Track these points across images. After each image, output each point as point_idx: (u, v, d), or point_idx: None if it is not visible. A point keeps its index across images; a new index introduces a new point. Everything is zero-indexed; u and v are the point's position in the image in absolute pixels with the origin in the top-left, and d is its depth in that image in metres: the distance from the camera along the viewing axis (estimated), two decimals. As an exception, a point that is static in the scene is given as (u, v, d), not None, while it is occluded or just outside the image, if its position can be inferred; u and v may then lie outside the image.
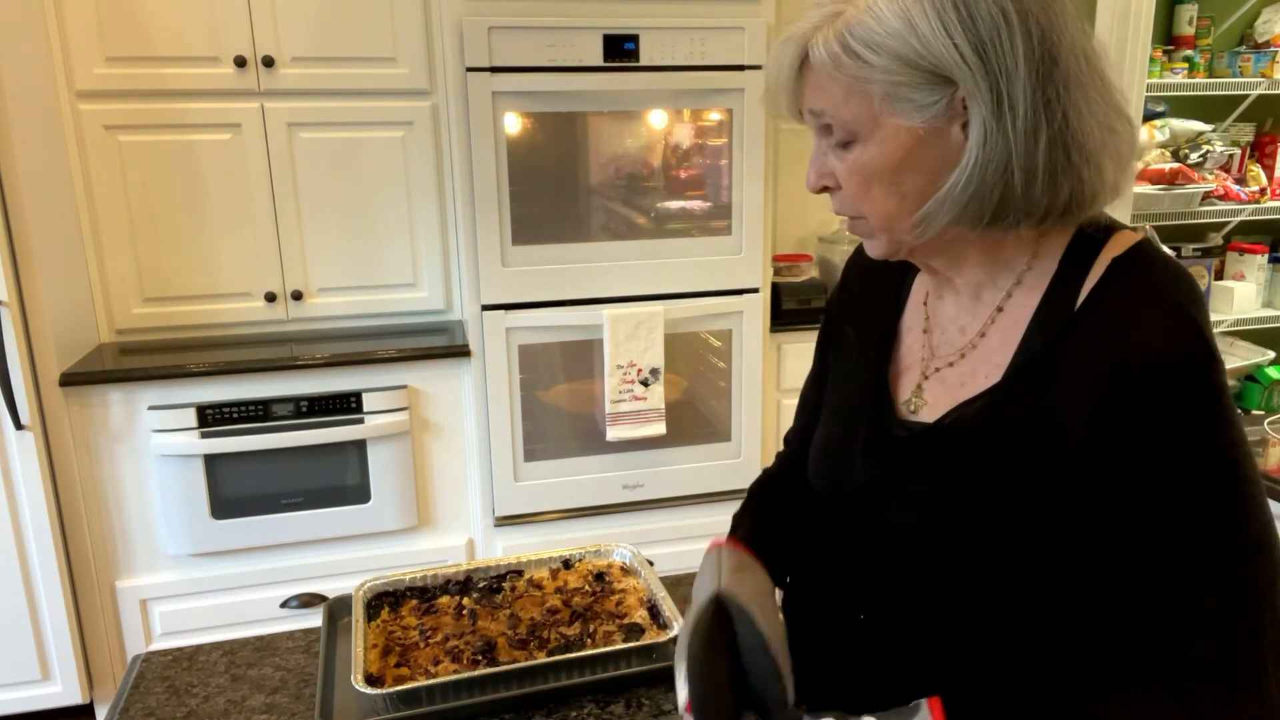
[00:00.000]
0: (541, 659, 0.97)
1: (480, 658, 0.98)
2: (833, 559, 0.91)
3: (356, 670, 0.94)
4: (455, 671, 0.96)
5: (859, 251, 1.00)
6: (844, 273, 1.03)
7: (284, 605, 2.49)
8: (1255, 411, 3.17)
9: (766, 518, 1.02)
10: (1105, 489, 0.72)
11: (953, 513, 0.79)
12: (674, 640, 1.00)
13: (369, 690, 0.91)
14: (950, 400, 0.83)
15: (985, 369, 0.81)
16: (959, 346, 0.85)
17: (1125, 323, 0.73)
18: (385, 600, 1.10)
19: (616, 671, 0.98)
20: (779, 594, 0.94)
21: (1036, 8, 0.72)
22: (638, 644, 0.99)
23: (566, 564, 1.17)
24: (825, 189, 0.83)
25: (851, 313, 0.98)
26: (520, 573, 1.16)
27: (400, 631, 1.04)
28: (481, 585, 1.13)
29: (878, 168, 0.77)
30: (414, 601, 1.10)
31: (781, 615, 0.86)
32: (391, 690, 0.92)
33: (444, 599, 1.11)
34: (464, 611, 1.07)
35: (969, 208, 0.75)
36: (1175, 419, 0.70)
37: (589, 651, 0.97)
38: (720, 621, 0.81)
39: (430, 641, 1.02)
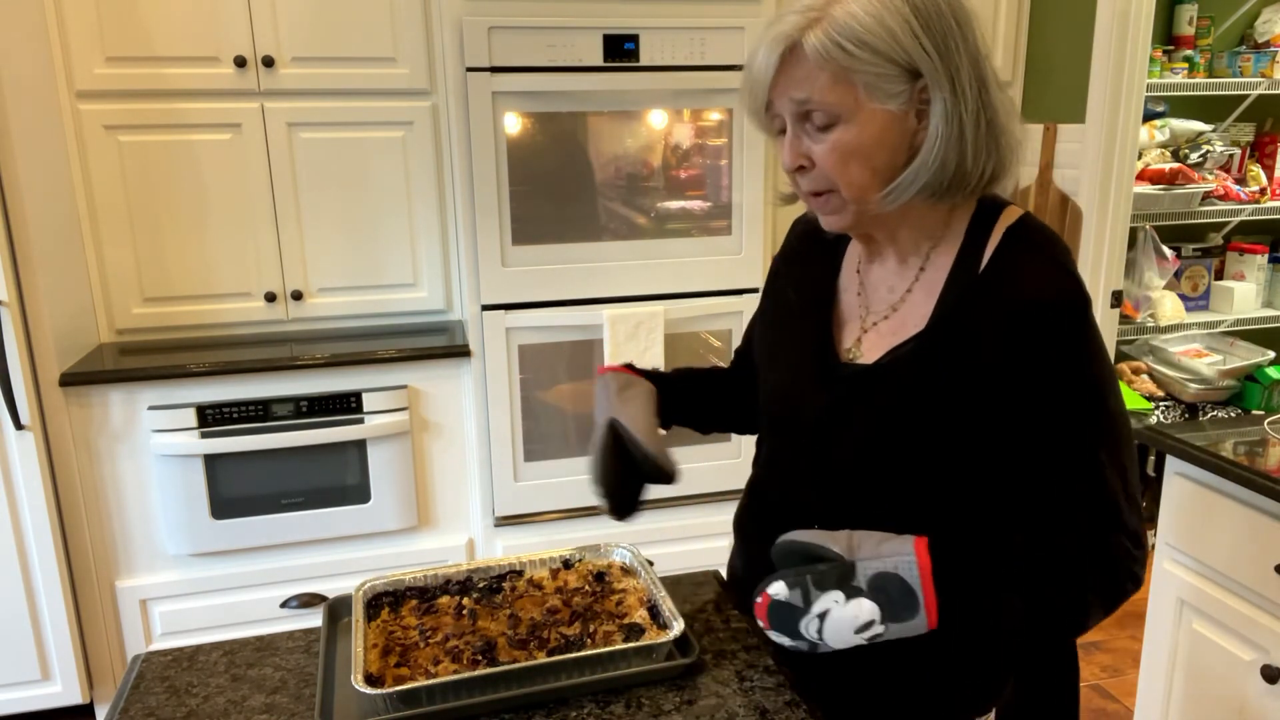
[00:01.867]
0: (541, 659, 0.97)
1: (480, 658, 0.98)
2: (790, 480, 1.10)
3: (356, 670, 0.94)
4: (455, 671, 0.96)
5: (801, 226, 1.21)
6: (786, 243, 1.23)
7: (284, 605, 2.49)
8: (1255, 411, 3.17)
9: (681, 372, 1.29)
10: (1010, 401, 0.94)
11: (892, 431, 0.99)
12: (674, 641, 1.01)
13: (369, 690, 0.91)
14: (885, 346, 1.03)
15: (912, 320, 1.01)
16: (890, 303, 1.05)
17: (1020, 278, 0.95)
18: (385, 600, 1.10)
19: (616, 671, 0.98)
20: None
21: (966, 22, 0.94)
22: (638, 644, 0.99)
23: (566, 564, 1.17)
24: (800, 169, 0.98)
25: (793, 277, 1.18)
26: (520, 573, 1.16)
27: (400, 631, 1.04)
28: (481, 585, 1.13)
29: (857, 146, 0.94)
30: (414, 601, 1.10)
31: (658, 421, 1.14)
32: (391, 690, 0.91)
33: (444, 599, 1.11)
34: (464, 611, 1.07)
35: (931, 181, 0.95)
36: (1061, 346, 0.93)
37: (589, 651, 0.97)
38: (614, 439, 1.10)
39: (430, 641, 1.02)
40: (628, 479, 1.10)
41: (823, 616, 0.90)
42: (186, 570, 2.44)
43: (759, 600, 0.93)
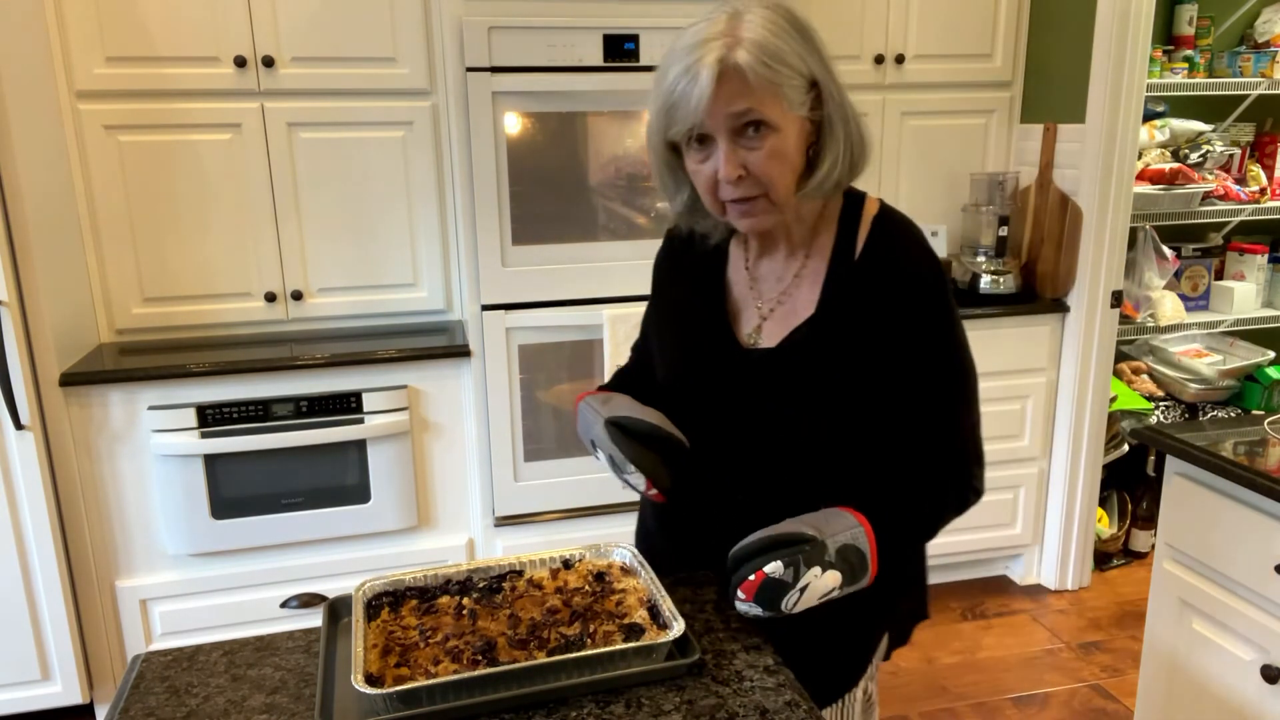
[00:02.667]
0: (541, 659, 0.97)
1: (480, 658, 0.98)
2: (711, 462, 1.21)
3: (356, 670, 0.94)
4: (455, 671, 0.96)
5: (677, 234, 1.30)
6: (668, 246, 1.34)
7: (284, 605, 2.49)
8: (1255, 411, 3.17)
9: (624, 383, 1.36)
10: (891, 364, 1.11)
11: (799, 404, 1.14)
12: (674, 641, 1.01)
13: (369, 690, 0.91)
14: (782, 331, 1.17)
15: (802, 305, 1.16)
16: (779, 291, 1.19)
17: (892, 260, 1.13)
18: (385, 600, 1.10)
19: (616, 671, 0.98)
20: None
21: (819, 35, 1.10)
22: (638, 644, 0.99)
23: (566, 564, 1.17)
24: (740, 178, 1.07)
25: (681, 279, 1.29)
26: (520, 573, 1.16)
27: (400, 631, 1.04)
28: (481, 585, 1.13)
29: (787, 151, 1.07)
30: (414, 601, 1.10)
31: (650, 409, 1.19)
32: (391, 690, 0.91)
33: (444, 599, 1.10)
34: (464, 611, 1.07)
35: (838, 176, 1.10)
36: (930, 314, 1.11)
37: (589, 651, 0.97)
38: (620, 432, 1.16)
39: (430, 641, 1.02)
40: (649, 447, 1.16)
41: (803, 590, 1.02)
42: (186, 570, 2.44)
43: (751, 579, 1.02)
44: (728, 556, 1.06)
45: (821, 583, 1.03)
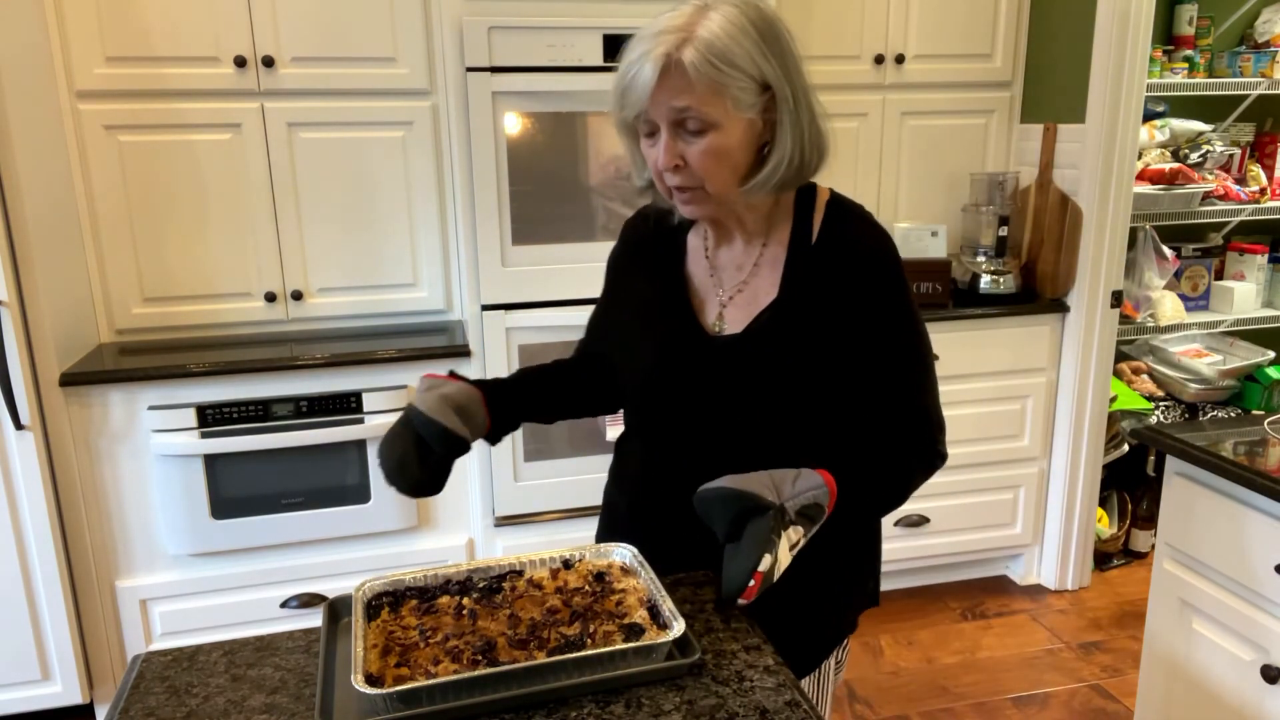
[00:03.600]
0: (541, 659, 0.97)
1: (480, 658, 0.98)
2: (680, 443, 1.25)
3: (356, 670, 0.94)
4: (455, 671, 0.96)
5: (635, 225, 1.36)
6: (624, 241, 1.37)
7: (284, 605, 2.49)
8: (1255, 411, 3.17)
9: (520, 373, 1.39)
10: (854, 339, 1.16)
11: (768, 384, 1.18)
12: (674, 641, 1.01)
13: (369, 690, 0.91)
14: (746, 317, 1.21)
15: (763, 291, 1.21)
16: (740, 279, 1.23)
17: (847, 241, 1.18)
18: (385, 600, 1.10)
19: (616, 671, 0.98)
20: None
21: (790, 36, 1.12)
22: (638, 644, 0.99)
23: (566, 564, 1.17)
24: (675, 168, 1.11)
25: (640, 270, 1.32)
26: (520, 573, 1.16)
27: (400, 631, 1.04)
28: (481, 585, 1.13)
29: (726, 149, 1.10)
30: (414, 601, 1.10)
31: (454, 415, 1.22)
32: (391, 690, 0.91)
33: (444, 599, 1.10)
34: (464, 611, 1.07)
35: (784, 176, 1.13)
36: (887, 289, 1.17)
37: (589, 651, 0.97)
38: (405, 426, 1.21)
39: (430, 641, 1.02)
40: (420, 456, 1.21)
41: (777, 560, 1.07)
42: (186, 570, 2.44)
43: (751, 584, 1.04)
44: (695, 498, 1.10)
45: (788, 541, 1.08)
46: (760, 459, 1.17)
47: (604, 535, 1.41)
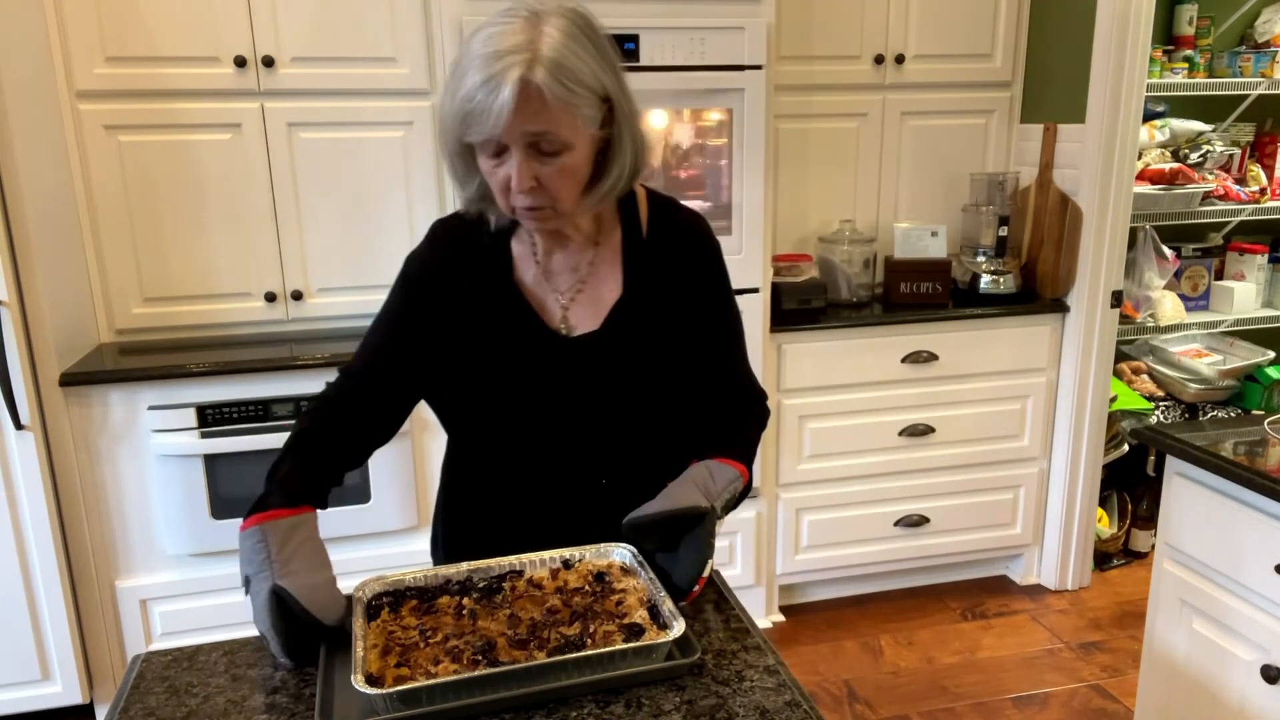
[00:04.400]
0: (541, 659, 0.97)
1: (480, 658, 0.98)
2: (545, 451, 1.26)
3: (356, 670, 0.94)
4: (455, 671, 0.96)
5: (443, 233, 1.31)
6: (433, 252, 1.30)
7: (284, 605, 2.49)
8: (1255, 411, 3.17)
9: (323, 451, 1.30)
10: (695, 316, 1.26)
11: (630, 376, 1.23)
12: (674, 641, 1.01)
13: (369, 690, 0.91)
14: (595, 315, 1.24)
15: (609, 288, 1.25)
16: (578, 279, 1.25)
17: (677, 233, 1.27)
18: (385, 600, 1.10)
19: (616, 671, 0.98)
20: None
21: (612, 43, 1.13)
22: (638, 644, 0.99)
23: (566, 564, 1.17)
24: (531, 189, 1.09)
25: (461, 278, 1.26)
26: (520, 573, 1.16)
27: (400, 631, 1.04)
28: (481, 585, 1.13)
29: (577, 167, 1.11)
30: (414, 601, 1.10)
31: (329, 571, 1.14)
32: (391, 690, 0.91)
33: (444, 599, 1.11)
34: (464, 611, 1.07)
35: (623, 183, 1.17)
36: (714, 267, 1.29)
37: (589, 651, 0.97)
38: (279, 604, 1.05)
39: (430, 641, 1.02)
40: (303, 634, 1.06)
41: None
42: (186, 570, 2.44)
43: (697, 589, 1.13)
44: (623, 525, 1.14)
45: (718, 530, 1.18)
46: (624, 448, 1.25)
47: (449, 557, 1.34)
